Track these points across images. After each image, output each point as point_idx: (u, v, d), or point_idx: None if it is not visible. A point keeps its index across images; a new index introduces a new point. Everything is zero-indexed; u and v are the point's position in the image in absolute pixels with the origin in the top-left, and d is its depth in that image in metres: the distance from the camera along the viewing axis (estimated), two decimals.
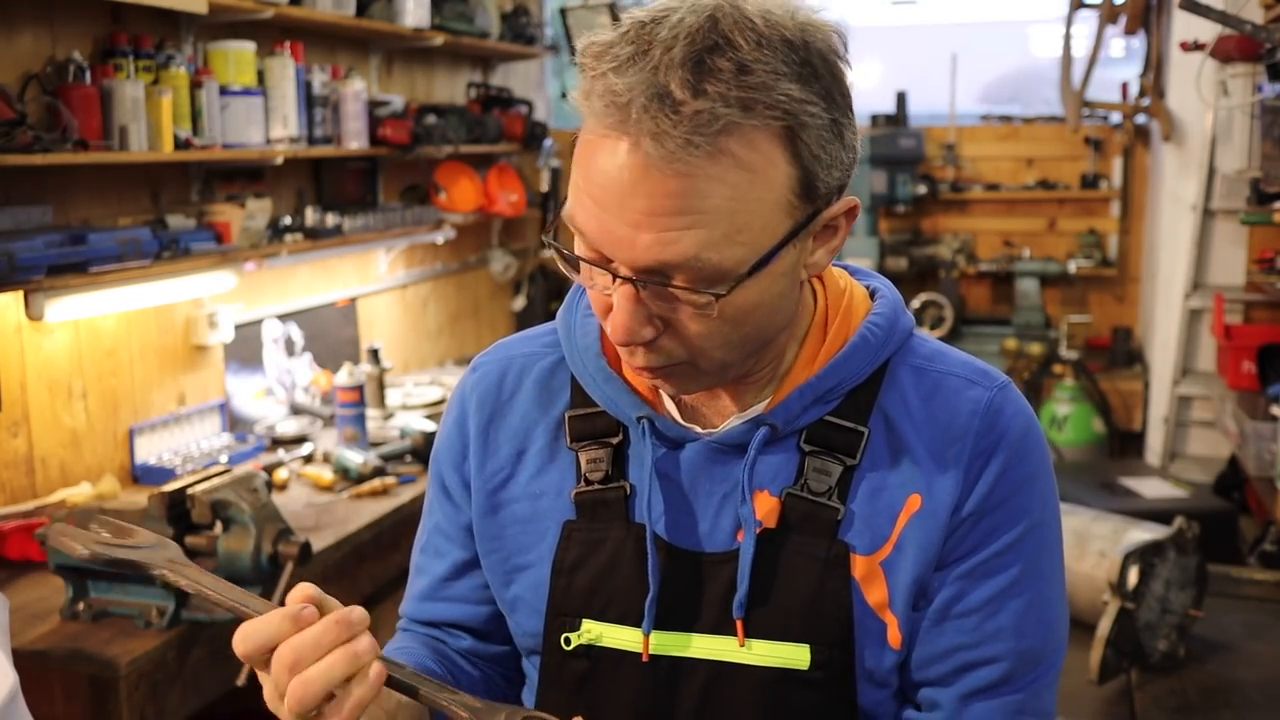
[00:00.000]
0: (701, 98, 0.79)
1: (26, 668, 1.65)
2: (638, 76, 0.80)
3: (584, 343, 1.03)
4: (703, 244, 0.82)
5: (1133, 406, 3.94)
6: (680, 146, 0.79)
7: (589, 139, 0.84)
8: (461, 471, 1.08)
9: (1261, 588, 2.06)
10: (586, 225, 0.85)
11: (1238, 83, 2.73)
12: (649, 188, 0.81)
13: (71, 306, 2.49)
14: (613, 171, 0.81)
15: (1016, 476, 0.98)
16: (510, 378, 1.08)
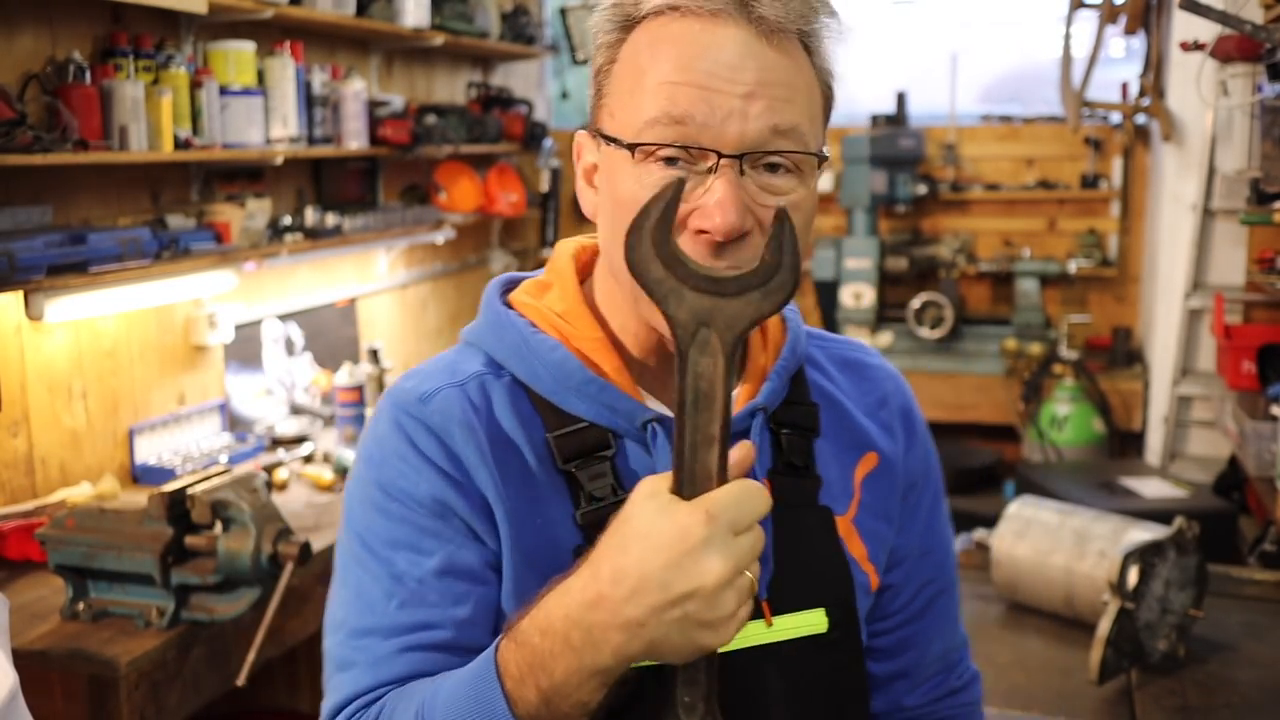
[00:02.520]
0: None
1: (26, 668, 1.64)
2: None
3: (553, 358, 0.99)
4: (801, 115, 0.92)
5: (1133, 406, 3.94)
6: (780, 26, 0.90)
7: (676, 27, 0.91)
8: (468, 499, 0.97)
9: (1261, 588, 2.06)
10: (692, 107, 0.89)
11: (1238, 83, 2.73)
12: (759, 61, 0.90)
13: (71, 306, 2.49)
14: (725, 47, 0.89)
15: (925, 429, 1.19)
16: (476, 401, 1.00)
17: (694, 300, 0.78)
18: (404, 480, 0.97)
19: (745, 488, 0.80)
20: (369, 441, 1.02)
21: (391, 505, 0.98)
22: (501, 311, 1.03)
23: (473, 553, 0.97)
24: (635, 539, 0.78)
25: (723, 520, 0.77)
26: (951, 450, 4.13)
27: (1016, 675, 1.78)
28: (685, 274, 0.78)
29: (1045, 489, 3.06)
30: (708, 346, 0.78)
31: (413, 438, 0.98)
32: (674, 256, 0.78)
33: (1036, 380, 3.99)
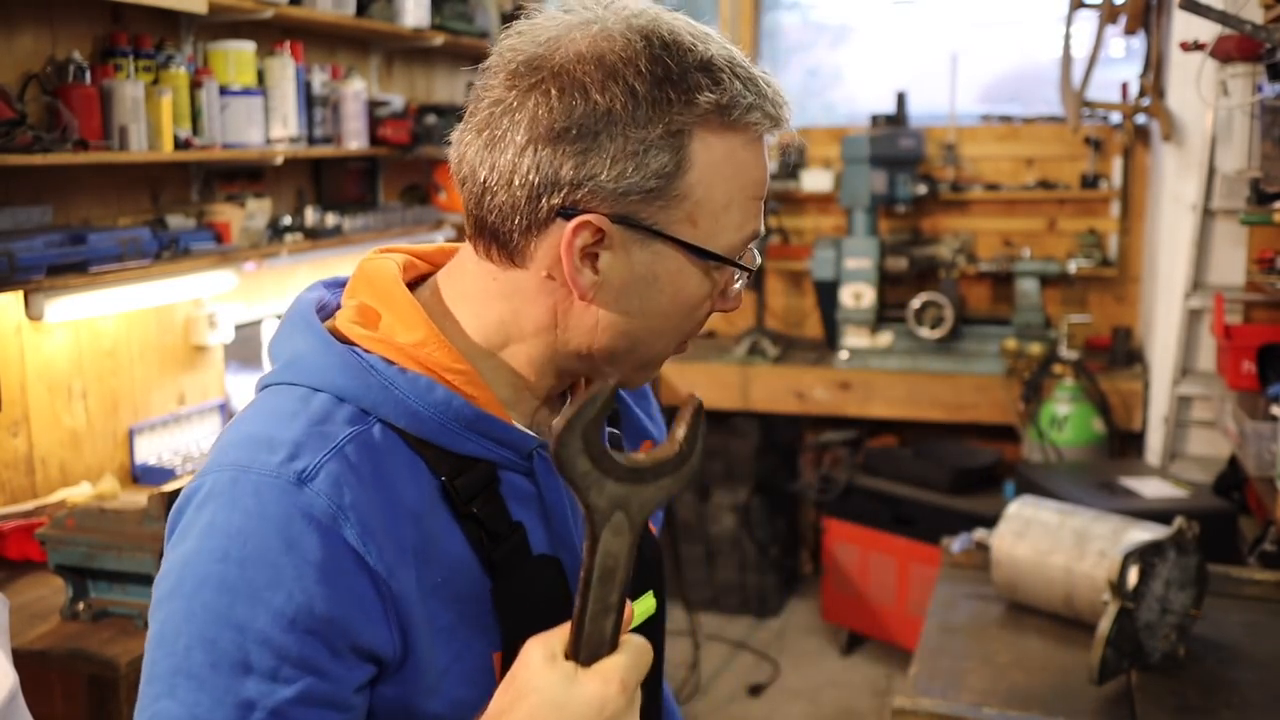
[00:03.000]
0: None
1: (26, 668, 1.65)
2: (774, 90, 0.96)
3: (434, 398, 0.93)
4: None
5: (1133, 406, 3.94)
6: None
7: (751, 145, 0.95)
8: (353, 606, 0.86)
9: (1261, 588, 2.06)
10: (760, 224, 0.99)
11: (1238, 83, 2.73)
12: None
13: (71, 306, 2.49)
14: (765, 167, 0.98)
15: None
16: (361, 470, 0.89)
17: (613, 489, 0.81)
18: (275, 590, 0.84)
19: (640, 650, 0.83)
20: (220, 531, 0.86)
21: (252, 619, 0.84)
22: (346, 351, 0.94)
23: (341, 677, 0.87)
24: (551, 709, 0.80)
25: (631, 686, 0.81)
26: (951, 450, 4.13)
27: (1016, 675, 1.78)
28: (609, 467, 0.81)
29: (1045, 489, 3.06)
30: (620, 528, 0.82)
31: (288, 534, 0.85)
32: (602, 453, 0.81)
33: (1036, 380, 3.99)
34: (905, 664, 3.35)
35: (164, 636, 0.86)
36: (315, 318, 0.98)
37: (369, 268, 1.02)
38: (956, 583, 2.13)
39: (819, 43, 5.43)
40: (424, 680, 0.91)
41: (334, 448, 0.89)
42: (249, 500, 0.86)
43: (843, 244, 4.34)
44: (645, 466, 0.82)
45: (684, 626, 4.13)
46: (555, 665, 0.81)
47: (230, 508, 0.86)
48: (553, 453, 0.79)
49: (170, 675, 0.85)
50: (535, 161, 0.91)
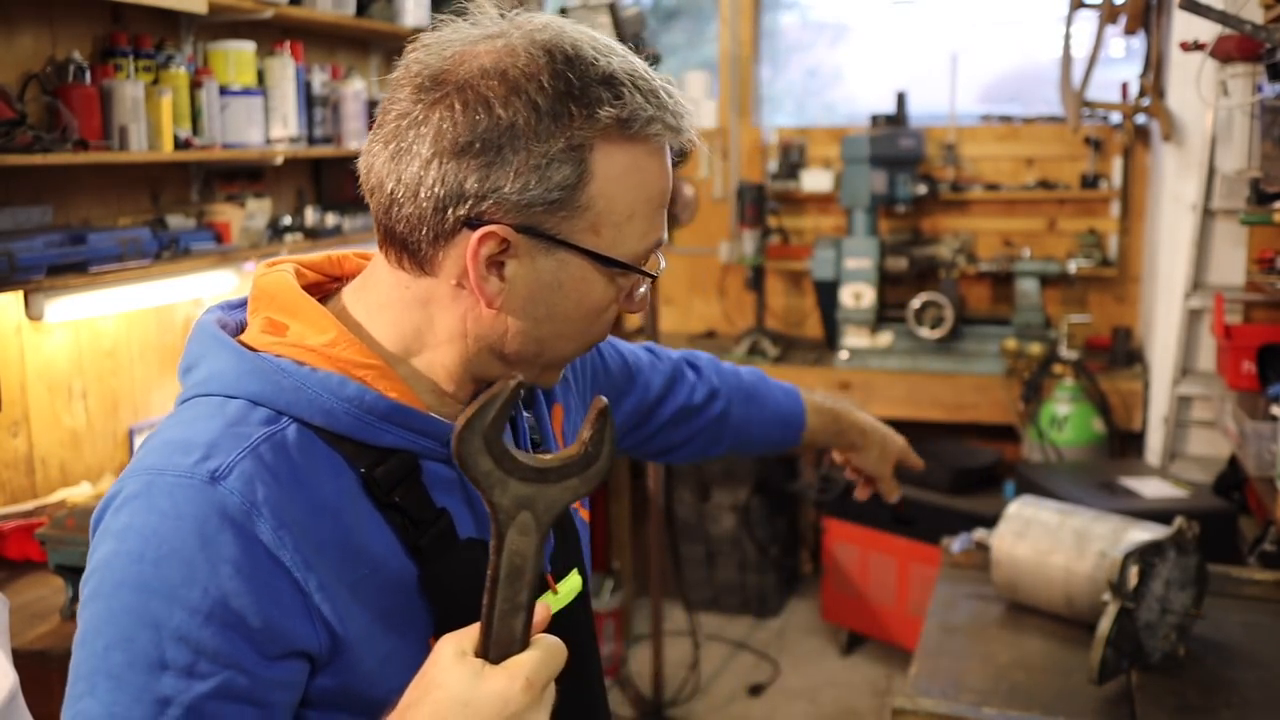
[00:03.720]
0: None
1: (26, 668, 1.65)
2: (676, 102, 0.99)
3: (345, 392, 0.94)
4: None
5: (1133, 406, 3.94)
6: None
7: (652, 156, 0.98)
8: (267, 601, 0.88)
9: (1261, 588, 2.06)
10: (663, 232, 1.02)
11: (1238, 83, 2.73)
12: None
13: (71, 306, 2.49)
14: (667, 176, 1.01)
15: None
16: (275, 467, 0.90)
17: (517, 488, 0.82)
18: (189, 588, 0.85)
19: (551, 648, 0.85)
20: (136, 533, 0.87)
21: (168, 618, 0.85)
22: (256, 356, 0.95)
23: (259, 672, 0.88)
24: (455, 706, 0.81)
25: (538, 684, 0.83)
26: (951, 450, 4.13)
27: (1016, 675, 1.78)
28: (512, 466, 0.82)
29: (1045, 489, 3.06)
30: (526, 528, 0.83)
31: (202, 533, 0.86)
32: (504, 453, 0.82)
33: (1036, 380, 3.99)
34: (905, 664, 3.35)
35: (85, 637, 0.88)
36: (222, 333, 0.99)
37: (265, 283, 1.03)
38: (956, 583, 2.13)
39: (819, 42, 5.43)
40: (363, 669, 0.93)
41: (247, 447, 0.90)
42: (164, 501, 0.88)
43: (843, 244, 4.34)
44: (551, 467, 0.84)
45: (684, 626, 4.13)
46: (463, 662, 0.83)
47: (146, 510, 0.88)
48: (454, 452, 0.81)
49: (90, 675, 0.87)
50: (440, 174, 0.93)
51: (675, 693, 3.86)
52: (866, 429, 1.71)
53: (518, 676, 0.82)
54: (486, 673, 0.82)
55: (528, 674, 0.83)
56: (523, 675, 0.82)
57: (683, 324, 5.10)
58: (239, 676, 0.87)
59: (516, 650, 0.84)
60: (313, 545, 0.90)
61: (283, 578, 0.88)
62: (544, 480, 0.83)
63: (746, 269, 4.65)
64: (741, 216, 4.58)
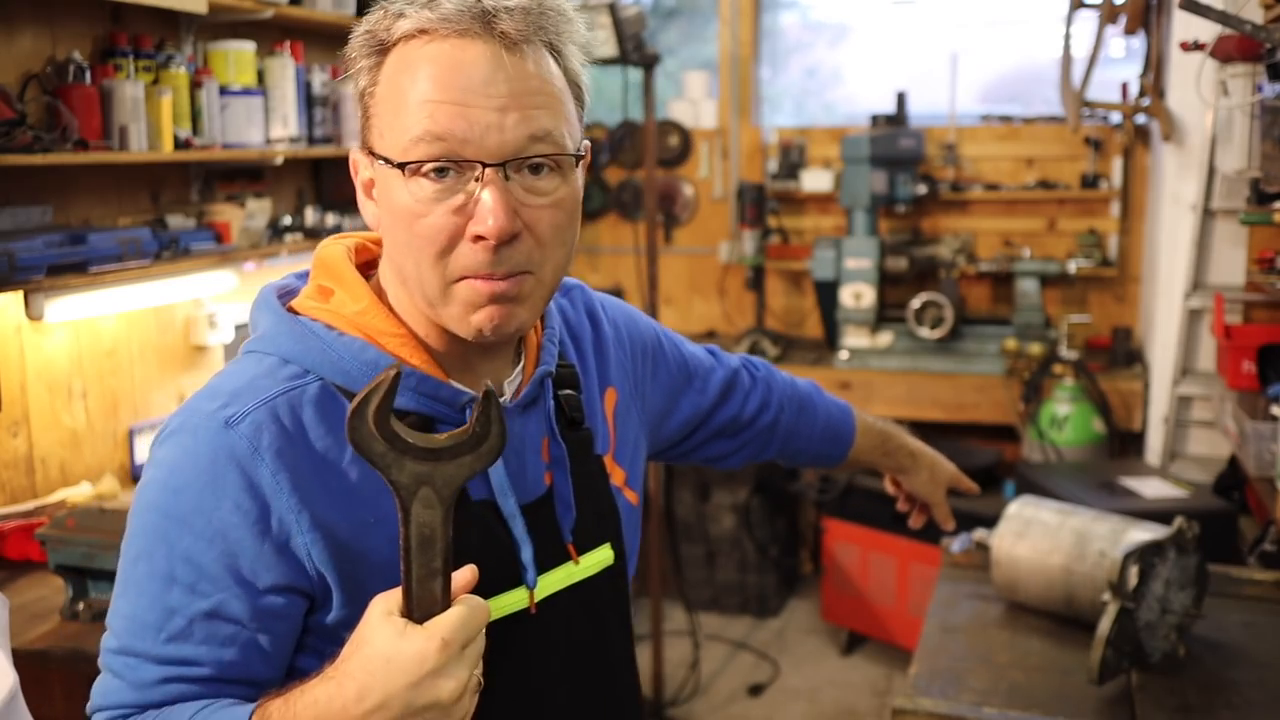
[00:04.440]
0: (518, 11, 1.00)
1: (26, 668, 1.65)
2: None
3: (365, 357, 1.04)
4: (555, 120, 1.01)
5: (1133, 406, 3.94)
6: (524, 38, 0.99)
7: (429, 49, 0.98)
8: (263, 538, 0.98)
9: (1261, 588, 2.06)
10: (452, 124, 0.97)
11: (1238, 83, 2.73)
12: (508, 74, 0.98)
13: (71, 306, 2.49)
14: (477, 64, 0.97)
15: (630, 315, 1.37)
16: (286, 419, 1.00)
17: (413, 466, 0.90)
18: (198, 517, 0.98)
19: (470, 610, 0.92)
20: (166, 464, 1.00)
21: (179, 540, 0.98)
22: (293, 320, 1.06)
23: (248, 599, 0.99)
24: (379, 661, 0.89)
25: (455, 643, 0.90)
26: (951, 450, 4.11)
27: (1016, 675, 1.78)
28: (404, 447, 0.89)
29: (1045, 489, 3.06)
30: (429, 501, 0.90)
31: (213, 470, 0.98)
32: (393, 434, 0.89)
33: (1036, 380, 3.99)
34: (905, 664, 3.35)
35: (124, 547, 1.03)
36: (274, 299, 1.10)
37: (323, 253, 1.12)
38: (956, 583, 2.13)
39: (819, 42, 5.43)
40: (362, 609, 0.97)
41: (264, 399, 1.00)
42: (188, 440, 1.00)
43: (843, 244, 4.34)
44: (443, 446, 0.91)
45: (684, 626, 4.14)
46: (389, 621, 0.91)
47: (176, 445, 1.01)
48: (349, 438, 0.88)
49: (123, 581, 1.02)
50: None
51: (675, 693, 3.87)
52: (916, 452, 1.75)
53: (434, 636, 0.89)
54: (408, 631, 0.90)
55: (444, 633, 0.89)
56: (439, 635, 0.89)
57: (683, 324, 5.10)
58: (233, 601, 0.99)
59: (438, 611, 0.91)
60: (313, 491, 0.99)
61: (276, 518, 0.98)
62: (437, 459, 0.90)
63: (746, 269, 4.65)
64: (741, 216, 4.58)
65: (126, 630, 1.01)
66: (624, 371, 1.31)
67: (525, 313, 1.04)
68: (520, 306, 1.03)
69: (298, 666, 1.04)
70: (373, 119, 1.03)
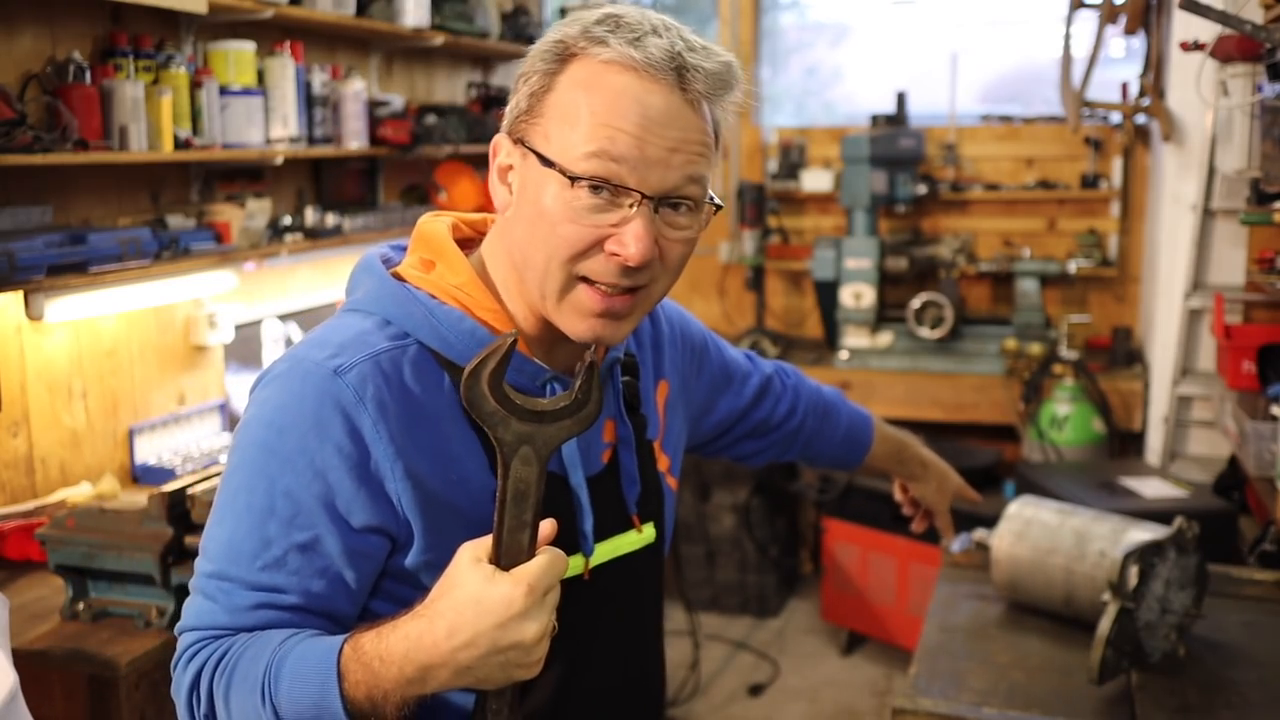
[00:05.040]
0: (706, 73, 1.07)
1: (26, 668, 1.65)
2: (666, 41, 1.06)
3: (462, 327, 1.12)
4: (708, 169, 1.10)
5: (1133, 406, 3.93)
6: (703, 96, 1.08)
7: (621, 79, 1.05)
8: (362, 481, 1.06)
9: (1261, 588, 2.06)
10: (627, 151, 1.04)
11: (1238, 83, 2.73)
12: (684, 122, 1.07)
13: (71, 306, 2.49)
14: (660, 106, 1.05)
15: (686, 319, 1.47)
16: (389, 374, 1.08)
17: (518, 426, 0.97)
18: (300, 456, 1.05)
19: (553, 560, 0.99)
20: (272, 404, 1.07)
21: (280, 476, 1.05)
22: (399, 286, 1.14)
23: (341, 537, 1.06)
24: (469, 603, 0.96)
25: (539, 590, 0.97)
26: (951, 450, 4.12)
27: (1016, 675, 1.78)
28: (513, 408, 0.97)
29: (1045, 489, 3.06)
30: (528, 459, 0.98)
31: (319, 414, 1.05)
32: (505, 396, 0.97)
33: (1036, 380, 3.99)
34: (905, 664, 3.35)
35: (224, 479, 1.09)
36: (379, 264, 1.17)
37: (425, 228, 1.21)
38: (956, 583, 2.13)
39: (819, 42, 5.43)
40: (440, 556, 1.05)
41: (371, 353, 1.08)
42: (295, 384, 1.07)
43: (843, 244, 4.34)
44: (546, 410, 0.98)
45: (684, 626, 4.13)
46: (478, 567, 0.97)
47: (282, 388, 1.07)
48: (463, 396, 0.95)
49: (221, 508, 1.08)
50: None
51: (675, 693, 3.86)
52: (928, 462, 1.83)
53: (521, 582, 0.96)
54: (496, 577, 0.96)
55: (530, 580, 0.96)
56: (525, 581, 0.96)
57: None
58: (327, 536, 1.05)
59: (523, 560, 0.98)
60: (407, 443, 1.06)
61: (374, 464, 1.05)
62: (540, 421, 0.97)
63: (746, 269, 4.65)
64: (741, 216, 4.58)
65: (224, 556, 1.07)
66: (675, 367, 1.39)
67: (626, 328, 1.12)
68: (624, 323, 1.11)
69: (370, 609, 1.11)
70: (539, 119, 1.08)
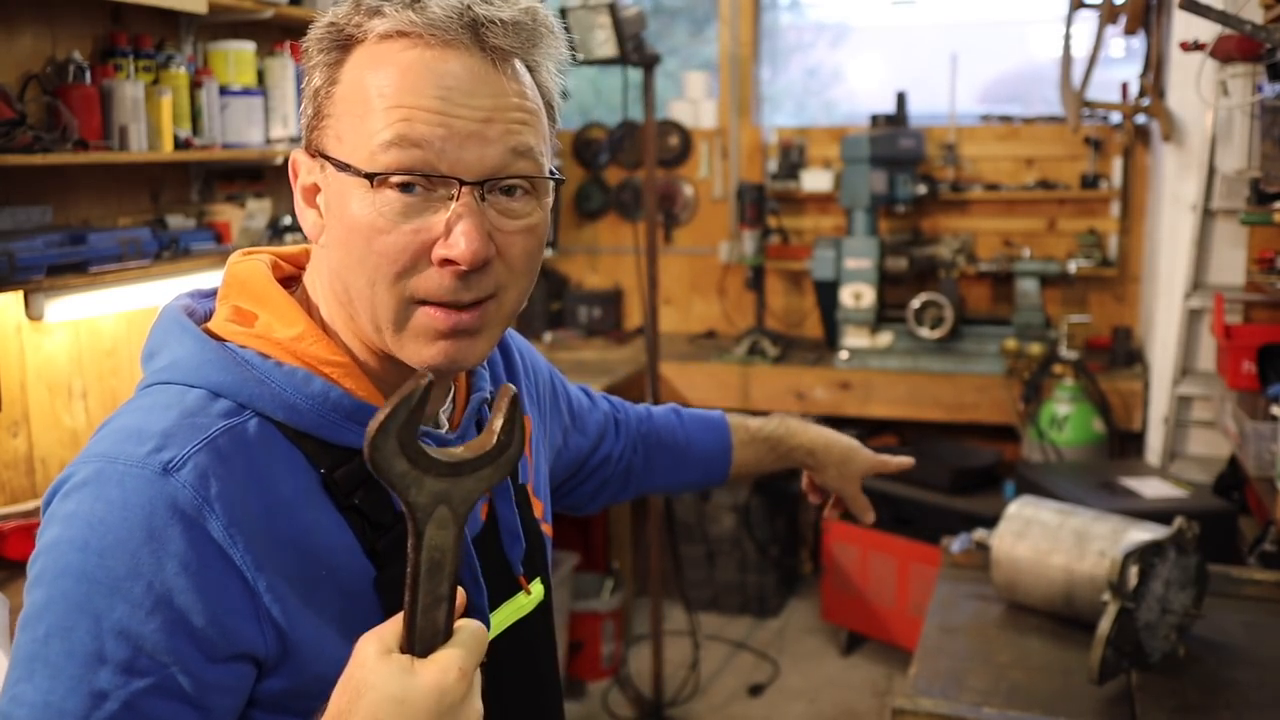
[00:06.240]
0: (506, 24, 0.92)
1: None
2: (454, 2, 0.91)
3: (312, 390, 0.93)
4: (536, 137, 0.94)
5: (1133, 406, 3.94)
6: (510, 53, 0.92)
7: (409, 55, 0.90)
8: (209, 600, 0.85)
9: (1261, 588, 2.06)
10: (431, 132, 0.89)
11: (1238, 83, 2.73)
12: (492, 87, 0.91)
13: (71, 306, 2.49)
14: (460, 74, 0.90)
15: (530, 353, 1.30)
16: (231, 461, 0.88)
17: (433, 485, 0.80)
18: (133, 581, 0.84)
19: (475, 634, 0.83)
20: (82, 520, 0.85)
21: (109, 611, 0.83)
22: (220, 346, 0.94)
23: (200, 673, 0.86)
24: (388, 704, 0.78)
25: (469, 672, 0.81)
26: (951, 450, 4.13)
27: (1016, 675, 1.78)
28: (427, 465, 0.80)
29: (1045, 489, 3.06)
30: (444, 521, 0.81)
31: (150, 526, 0.84)
32: (419, 452, 0.80)
33: (1036, 380, 3.99)
34: (905, 664, 3.35)
35: (28, 621, 0.86)
36: (188, 319, 0.97)
37: (238, 271, 1.01)
38: (956, 583, 2.13)
39: (819, 42, 5.43)
40: (313, 671, 0.90)
41: (204, 439, 0.88)
42: (113, 490, 0.85)
43: (843, 244, 4.34)
44: (464, 460, 0.82)
45: (684, 626, 4.13)
46: (390, 659, 0.80)
47: (94, 498, 0.85)
48: (368, 457, 0.77)
49: (29, 661, 0.84)
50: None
51: (675, 693, 3.86)
52: (815, 448, 1.62)
53: (449, 668, 0.80)
54: (417, 668, 0.80)
55: (459, 664, 0.80)
56: (455, 665, 0.80)
57: (682, 324, 5.10)
58: (179, 675, 0.85)
59: (440, 641, 0.82)
60: (266, 545, 0.88)
61: (232, 577, 0.86)
62: (459, 474, 0.82)
63: (746, 269, 4.65)
64: (741, 216, 4.58)
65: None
66: (533, 401, 1.24)
67: (483, 345, 0.96)
68: (479, 339, 0.95)
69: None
70: (328, 120, 0.94)
